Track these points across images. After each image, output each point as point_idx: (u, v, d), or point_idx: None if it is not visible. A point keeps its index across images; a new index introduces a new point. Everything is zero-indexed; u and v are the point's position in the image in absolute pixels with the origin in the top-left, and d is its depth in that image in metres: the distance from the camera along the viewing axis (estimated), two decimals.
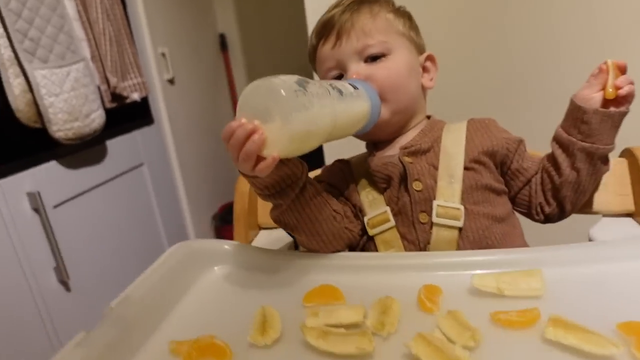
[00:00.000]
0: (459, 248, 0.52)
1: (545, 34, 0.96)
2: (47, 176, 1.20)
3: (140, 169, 1.57)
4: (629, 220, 0.56)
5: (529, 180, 0.58)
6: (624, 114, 0.52)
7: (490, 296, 0.41)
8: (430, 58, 0.62)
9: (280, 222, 0.53)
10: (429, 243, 0.53)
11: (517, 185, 0.58)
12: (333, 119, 0.45)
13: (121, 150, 1.46)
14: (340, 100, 0.47)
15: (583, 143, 0.53)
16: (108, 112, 1.32)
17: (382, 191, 0.56)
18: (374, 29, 0.57)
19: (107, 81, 1.32)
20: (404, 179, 0.55)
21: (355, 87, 0.50)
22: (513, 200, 0.59)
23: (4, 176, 1.09)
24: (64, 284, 1.23)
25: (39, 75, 1.09)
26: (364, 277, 0.48)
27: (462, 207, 0.52)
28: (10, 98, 1.09)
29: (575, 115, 0.54)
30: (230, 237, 1.67)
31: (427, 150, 0.57)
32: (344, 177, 0.59)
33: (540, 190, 0.57)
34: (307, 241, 0.53)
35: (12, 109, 1.09)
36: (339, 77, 0.59)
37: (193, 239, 0.57)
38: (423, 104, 0.62)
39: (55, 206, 1.22)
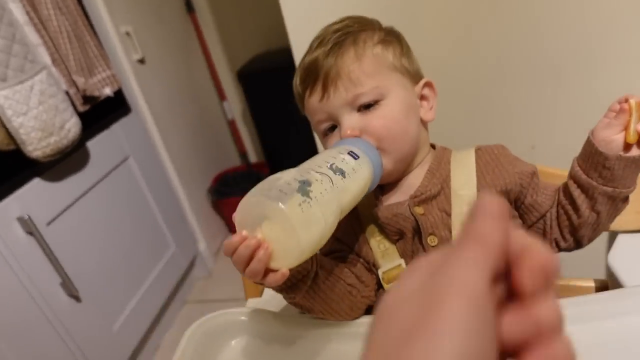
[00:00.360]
0: None
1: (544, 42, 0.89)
2: (33, 196, 1.16)
3: (127, 163, 1.52)
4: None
5: (544, 215, 0.56)
6: None
7: None
8: (428, 85, 0.57)
9: (294, 305, 0.51)
10: None
11: (530, 220, 0.56)
12: (340, 210, 0.42)
13: (103, 149, 1.40)
14: (344, 185, 0.43)
15: (605, 187, 0.50)
16: (82, 115, 1.26)
17: (394, 240, 0.55)
18: (362, 74, 0.52)
19: (75, 84, 1.23)
20: (417, 231, 0.53)
21: (355, 157, 0.47)
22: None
23: None
24: (74, 297, 1.23)
25: (0, 97, 1.02)
26: None
27: None
28: None
29: (596, 160, 0.51)
30: (228, 210, 1.69)
31: (437, 195, 0.54)
32: (352, 228, 0.57)
33: (556, 226, 0.55)
34: (325, 317, 0.52)
35: None
36: (332, 127, 0.55)
37: (208, 316, 0.55)
38: (425, 137, 0.58)
39: (49, 223, 1.19)
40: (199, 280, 1.90)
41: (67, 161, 1.25)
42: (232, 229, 1.92)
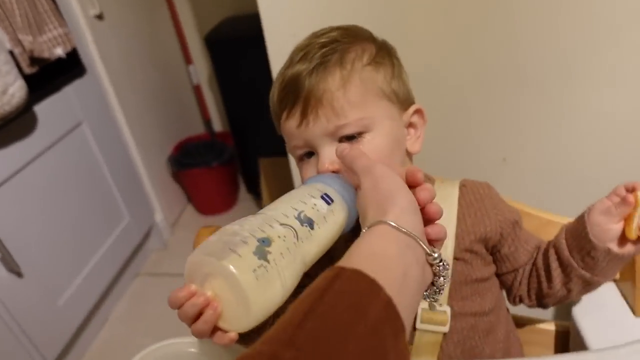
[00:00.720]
0: (442, 350, 0.49)
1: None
2: None
3: (80, 129, 1.41)
4: (612, 286, 0.54)
5: (516, 269, 0.54)
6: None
7: None
8: (418, 112, 0.53)
9: None
10: (411, 344, 0.49)
11: (502, 269, 0.54)
12: (303, 267, 0.38)
13: (53, 113, 1.30)
14: (311, 237, 0.39)
15: (583, 272, 0.48)
16: (29, 77, 1.14)
17: None
18: (346, 104, 0.47)
19: (21, 43, 1.11)
20: None
21: (328, 201, 0.42)
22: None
23: None
24: (15, 272, 1.16)
25: None
26: None
27: (448, 310, 0.49)
28: None
29: (583, 244, 0.48)
30: (189, 182, 1.66)
31: None
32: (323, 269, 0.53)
33: (525, 284, 0.54)
34: None
35: None
36: (309, 154, 0.50)
37: (155, 345, 0.51)
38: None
39: None
40: (153, 252, 1.84)
41: (9, 127, 1.14)
42: (190, 199, 1.86)
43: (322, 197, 0.42)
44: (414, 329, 0.49)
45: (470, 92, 0.86)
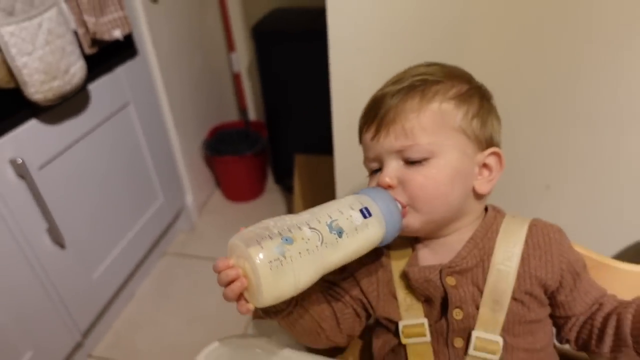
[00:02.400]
0: None
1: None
2: (28, 138, 1.10)
3: (127, 109, 1.45)
4: None
5: (569, 317, 0.55)
6: None
7: None
8: (495, 154, 0.54)
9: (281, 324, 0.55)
10: None
11: (556, 312, 0.55)
12: (322, 270, 0.44)
13: (105, 93, 1.33)
14: (335, 246, 0.44)
15: (636, 354, 0.48)
16: (87, 57, 1.18)
17: (421, 299, 0.54)
18: (417, 127, 0.49)
19: (85, 24, 1.15)
20: (445, 300, 0.52)
21: (366, 215, 0.45)
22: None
23: None
24: (59, 244, 1.21)
25: (6, 33, 0.94)
26: None
27: (501, 341, 0.51)
28: None
29: None
30: (219, 168, 1.72)
31: (473, 267, 0.53)
32: (375, 276, 0.56)
33: (575, 332, 0.55)
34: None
35: None
36: (379, 169, 0.52)
37: (210, 347, 0.54)
38: (474, 207, 0.55)
39: (41, 167, 1.14)
40: (181, 233, 1.89)
41: (66, 104, 1.18)
42: (219, 185, 1.90)
43: (361, 210, 0.46)
44: (466, 353, 0.52)
45: (519, 118, 0.87)
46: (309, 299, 0.53)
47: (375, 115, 0.51)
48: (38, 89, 1.02)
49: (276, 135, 1.97)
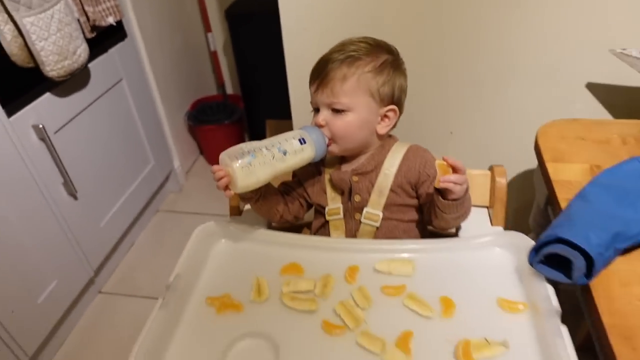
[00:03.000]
0: (375, 236, 0.83)
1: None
2: (46, 107, 1.36)
3: (120, 84, 1.71)
4: (485, 210, 0.88)
5: (425, 204, 0.83)
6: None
7: (384, 275, 0.74)
8: (393, 110, 0.80)
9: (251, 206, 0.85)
10: (357, 231, 0.83)
11: (419, 202, 0.84)
12: (273, 173, 0.73)
13: (102, 70, 1.59)
14: (283, 159, 0.73)
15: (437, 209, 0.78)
16: (88, 41, 1.43)
17: (339, 192, 0.84)
18: (341, 91, 0.76)
19: (85, 13, 1.40)
20: (350, 191, 0.83)
21: (302, 142, 0.75)
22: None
23: (12, 114, 1.26)
24: (72, 195, 1.48)
25: (27, 22, 1.19)
26: (316, 254, 0.78)
27: (381, 214, 0.81)
28: (4, 44, 1.20)
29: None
30: (202, 136, 2.12)
31: (370, 171, 0.82)
32: (313, 179, 0.86)
33: (426, 214, 0.83)
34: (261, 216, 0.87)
35: (7, 54, 1.22)
36: (317, 109, 0.80)
37: (207, 223, 0.84)
38: (375, 140, 0.83)
39: (56, 132, 1.41)
40: (171, 193, 2.17)
41: (73, 80, 1.44)
42: (202, 151, 2.23)
43: (299, 139, 0.75)
44: (360, 222, 0.83)
45: (426, 79, 1.17)
46: (270, 193, 0.82)
47: (318, 76, 0.78)
48: (53, 67, 1.28)
49: (251, 106, 2.25)
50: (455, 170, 0.72)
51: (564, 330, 0.60)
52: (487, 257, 0.75)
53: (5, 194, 1.23)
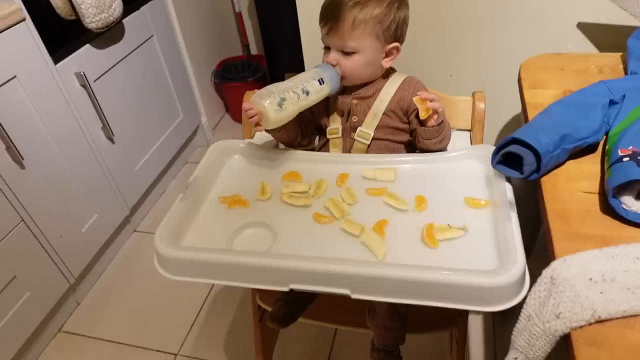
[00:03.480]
0: (367, 153, 0.94)
1: None
2: (86, 57, 1.52)
3: (152, 40, 1.85)
4: (467, 133, 0.97)
5: (415, 129, 0.93)
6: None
7: (370, 180, 0.85)
8: (396, 48, 0.90)
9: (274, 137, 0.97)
10: (352, 148, 0.95)
11: (410, 127, 0.94)
12: (298, 110, 0.85)
13: (135, 26, 1.74)
14: (307, 98, 0.85)
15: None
16: None
17: (340, 113, 0.96)
18: (351, 36, 0.86)
19: None
20: (349, 113, 0.94)
21: (321, 82, 0.86)
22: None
23: (58, 62, 1.43)
24: (110, 139, 1.66)
25: None
26: (313, 165, 0.91)
27: (372, 133, 0.93)
28: None
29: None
30: (228, 93, 2.28)
31: (369, 97, 0.93)
32: (324, 106, 0.97)
33: (415, 139, 0.94)
34: (285, 145, 0.99)
35: (52, 6, 1.37)
36: (328, 48, 0.91)
37: (222, 140, 0.97)
38: (379, 74, 0.93)
39: (95, 80, 1.57)
40: (199, 147, 2.33)
41: (109, 33, 1.59)
42: (228, 108, 2.41)
43: (319, 80, 0.87)
44: (354, 140, 0.94)
45: (427, 23, 1.25)
46: (289, 123, 0.91)
47: (328, 20, 0.87)
48: (92, 19, 1.43)
49: (273, 64, 2.37)
50: (432, 100, 0.85)
51: (514, 215, 0.70)
52: (461, 167, 0.86)
53: (53, 134, 1.41)
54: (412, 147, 0.98)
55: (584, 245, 0.60)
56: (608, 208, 0.65)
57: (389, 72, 0.96)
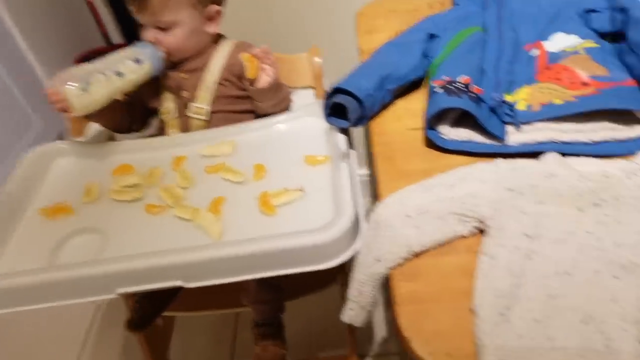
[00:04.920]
0: (209, 128, 0.87)
1: None
2: None
3: None
4: (311, 90, 0.94)
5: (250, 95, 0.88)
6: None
7: (208, 158, 0.79)
8: (216, 11, 0.84)
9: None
10: (190, 126, 0.88)
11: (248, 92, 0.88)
12: (111, 93, 0.76)
13: None
14: (120, 80, 0.76)
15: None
16: None
17: (171, 92, 0.88)
18: (165, 9, 0.78)
19: None
20: (179, 88, 0.86)
21: (138, 62, 0.77)
22: None
23: None
24: None
25: None
26: (147, 154, 0.82)
27: (208, 108, 0.86)
28: None
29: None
30: None
31: (196, 69, 0.86)
32: (154, 87, 0.88)
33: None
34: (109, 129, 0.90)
35: None
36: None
37: (40, 145, 0.85)
38: (207, 42, 0.86)
39: None
40: None
41: None
42: None
43: (135, 60, 0.77)
44: (188, 117, 0.87)
45: None
46: (113, 107, 0.83)
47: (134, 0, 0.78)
48: None
49: None
50: (261, 57, 0.80)
51: (345, 166, 0.68)
52: (300, 127, 0.82)
53: None
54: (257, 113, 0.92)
55: (407, 182, 0.58)
56: (429, 141, 0.64)
57: (217, 39, 0.89)
